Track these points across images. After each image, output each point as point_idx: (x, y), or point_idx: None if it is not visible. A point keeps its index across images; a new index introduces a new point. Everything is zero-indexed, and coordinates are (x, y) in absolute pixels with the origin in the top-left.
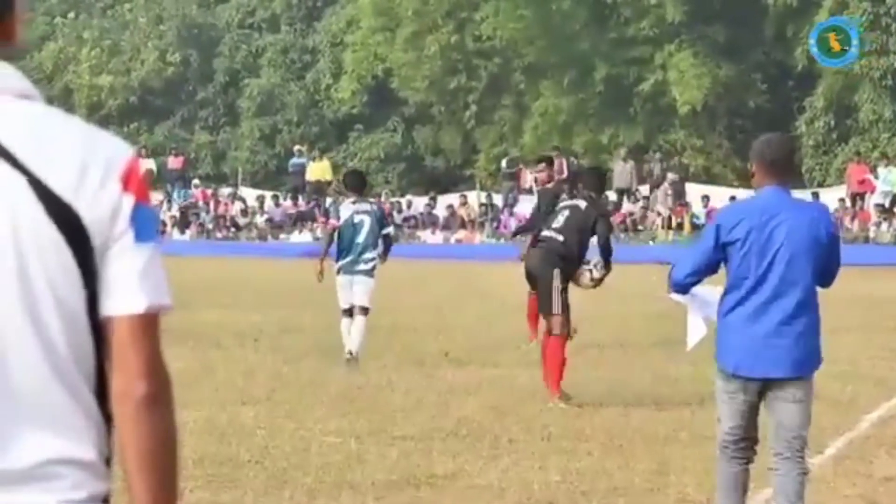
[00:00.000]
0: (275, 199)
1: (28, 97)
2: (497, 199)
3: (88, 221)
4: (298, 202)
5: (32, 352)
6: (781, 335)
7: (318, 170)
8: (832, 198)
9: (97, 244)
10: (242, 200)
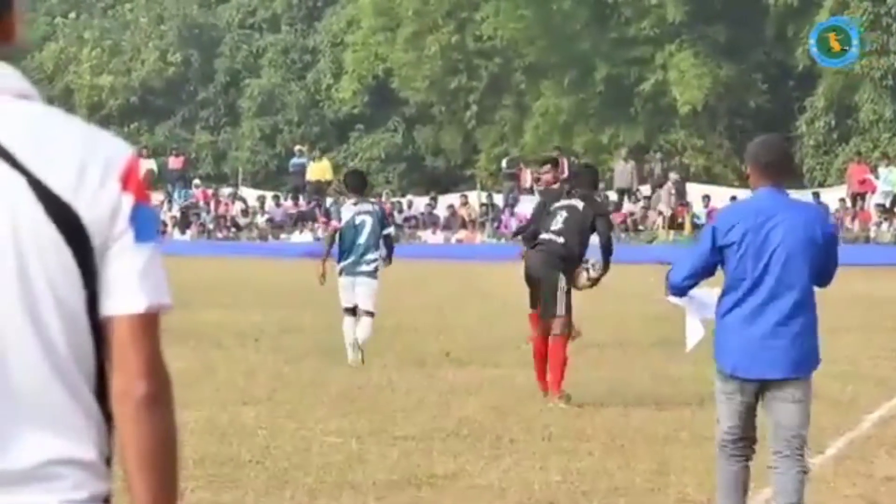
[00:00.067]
0: (275, 200)
1: (27, 97)
2: (498, 199)
3: (88, 221)
4: (299, 202)
5: (32, 352)
6: (778, 336)
7: (318, 170)
8: (833, 198)
9: (97, 244)
10: (243, 200)
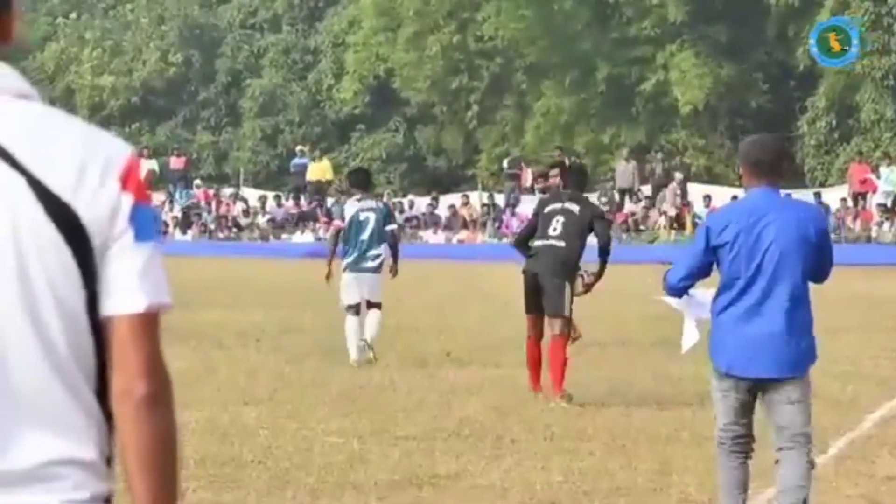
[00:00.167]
0: (277, 200)
1: (26, 97)
2: (499, 200)
3: (87, 221)
4: (300, 202)
5: (32, 352)
6: (773, 335)
7: (318, 170)
8: (834, 197)
9: (97, 244)
10: (244, 201)
